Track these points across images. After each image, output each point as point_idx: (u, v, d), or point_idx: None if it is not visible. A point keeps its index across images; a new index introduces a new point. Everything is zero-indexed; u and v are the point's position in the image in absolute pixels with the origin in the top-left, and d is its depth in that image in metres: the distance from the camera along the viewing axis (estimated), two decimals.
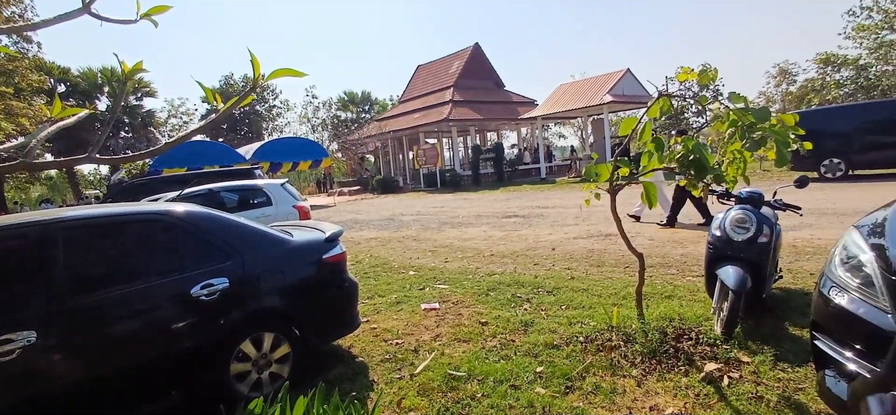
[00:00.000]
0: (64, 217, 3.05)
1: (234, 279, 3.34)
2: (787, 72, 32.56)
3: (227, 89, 46.87)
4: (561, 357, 3.69)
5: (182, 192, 8.32)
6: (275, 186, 9.31)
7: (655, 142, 3.61)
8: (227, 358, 3.29)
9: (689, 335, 3.78)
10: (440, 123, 28.12)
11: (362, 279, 6.76)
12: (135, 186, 14.77)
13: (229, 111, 1.56)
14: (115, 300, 3.00)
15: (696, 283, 5.25)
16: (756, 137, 3.38)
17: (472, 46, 33.19)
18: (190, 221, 3.42)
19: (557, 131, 46.59)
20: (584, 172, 4.33)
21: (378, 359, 4.03)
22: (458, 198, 19.73)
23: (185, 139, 1.81)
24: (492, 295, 5.50)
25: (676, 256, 6.62)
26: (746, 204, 4.09)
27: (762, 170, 18.40)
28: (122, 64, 1.48)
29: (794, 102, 30.71)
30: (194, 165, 18.98)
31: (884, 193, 9.84)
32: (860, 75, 26.18)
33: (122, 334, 3.03)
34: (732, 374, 3.23)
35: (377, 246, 9.81)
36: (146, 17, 1.45)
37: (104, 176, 42.40)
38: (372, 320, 5.03)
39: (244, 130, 47.89)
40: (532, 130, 33.63)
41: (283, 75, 1.51)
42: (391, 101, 51.10)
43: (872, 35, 25.20)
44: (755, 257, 3.84)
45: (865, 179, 13.49)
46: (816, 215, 8.46)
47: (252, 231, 3.69)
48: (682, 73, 4.19)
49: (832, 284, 2.44)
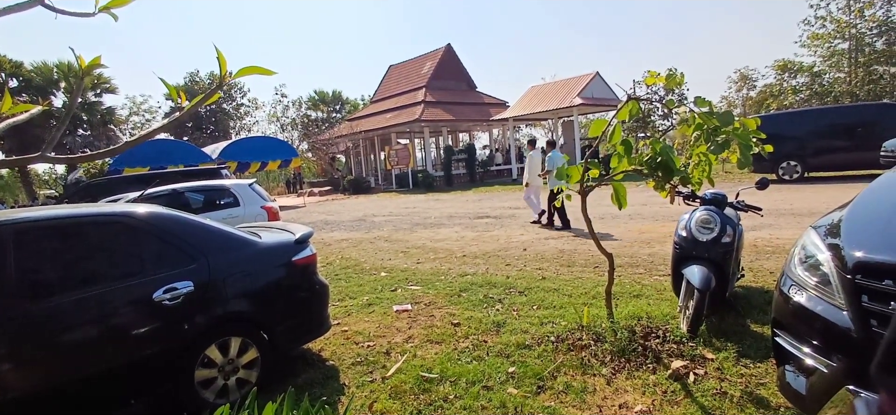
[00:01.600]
0: (15, 219, 2.89)
1: (198, 283, 3.24)
2: (748, 77, 33.83)
3: (192, 87, 45.49)
4: (533, 357, 3.72)
5: (144, 192, 8.03)
6: (242, 186, 9.08)
7: (624, 144, 3.68)
8: (192, 364, 3.19)
9: (656, 333, 3.86)
10: (412, 124, 28.02)
11: (333, 281, 6.66)
12: (93, 186, 14.17)
13: (194, 110, 1.50)
14: (71, 306, 2.86)
15: (663, 282, 5.38)
16: (720, 140, 3.49)
17: (444, 47, 33.19)
18: (152, 223, 3.30)
19: (528, 132, 47.13)
20: (555, 173, 4.38)
21: (349, 362, 3.98)
22: (430, 198, 19.71)
23: (147, 138, 1.73)
24: (464, 296, 5.51)
25: (644, 255, 6.77)
26: (711, 205, 4.21)
27: (724, 171, 19.05)
28: (79, 59, 1.41)
29: (753, 107, 31.89)
30: (157, 164, 18.34)
31: (836, 195, 10.31)
32: (815, 82, 27.43)
33: (78, 342, 2.90)
34: (698, 371, 3.32)
35: (348, 247, 9.70)
36: (105, 10, 1.38)
37: (60, 175, 40.60)
38: (343, 322, 4.97)
39: (210, 128, 46.61)
40: (504, 132, 33.88)
41: (251, 73, 1.46)
42: (363, 101, 50.63)
43: (825, 44, 26.44)
44: (719, 257, 3.96)
45: (819, 180, 14.12)
46: (775, 216, 8.80)
47: (218, 233, 3.59)
48: (649, 77, 4.30)
49: (792, 282, 2.53)
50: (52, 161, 1.56)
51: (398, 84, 34.62)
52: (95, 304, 2.93)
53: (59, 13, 1.41)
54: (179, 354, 3.16)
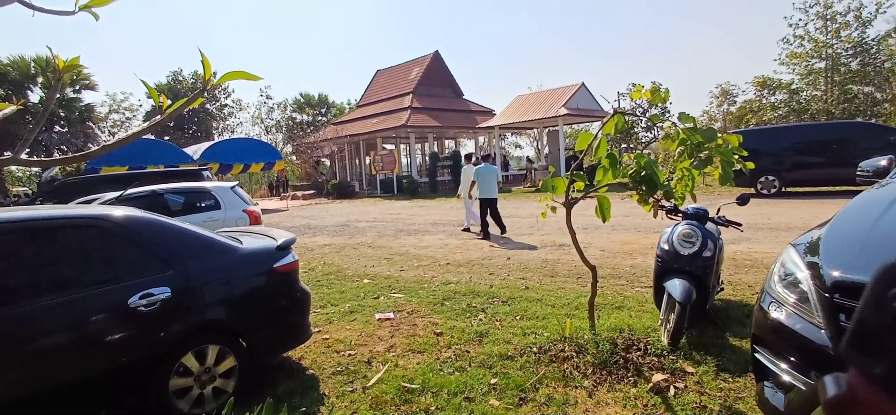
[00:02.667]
0: None
1: (176, 288, 3.16)
2: (729, 92, 34.52)
3: (175, 86, 44.78)
4: (515, 368, 3.71)
5: (123, 193, 7.86)
6: (224, 188, 8.94)
7: (610, 157, 3.71)
8: (167, 373, 3.11)
9: (638, 346, 3.89)
10: (398, 129, 27.98)
11: (315, 288, 6.58)
12: (69, 184, 13.80)
13: (177, 112, 1.46)
14: (42, 312, 2.76)
15: (645, 294, 5.43)
16: (703, 156, 3.54)
17: (432, 54, 33.27)
18: (129, 227, 3.22)
19: (514, 141, 47.36)
20: (541, 184, 4.39)
21: (329, 371, 3.92)
22: (414, 205, 19.66)
23: (127, 142, 1.68)
24: (447, 305, 5.48)
25: (626, 267, 6.83)
26: (692, 220, 4.27)
27: (705, 185, 19.37)
28: (56, 58, 1.36)
29: (733, 122, 32.55)
30: (136, 164, 17.97)
31: (812, 210, 10.56)
32: (793, 99, 28.11)
33: (48, 349, 2.80)
34: (678, 384, 3.34)
35: (331, 253, 9.61)
36: (86, 9, 1.34)
37: (35, 173, 39.54)
38: (324, 330, 4.90)
39: (192, 128, 45.86)
40: (489, 139, 34.01)
41: (237, 78, 1.42)
42: (349, 105, 50.42)
43: (803, 62, 27.15)
44: (700, 271, 4.01)
45: (796, 195, 14.45)
46: (754, 230, 8.96)
47: (197, 237, 3.52)
48: (635, 91, 4.35)
49: (771, 299, 2.56)
50: (27, 164, 1.50)
51: (385, 89, 34.57)
52: (68, 310, 2.84)
53: (38, 11, 1.36)
54: (154, 362, 3.07)
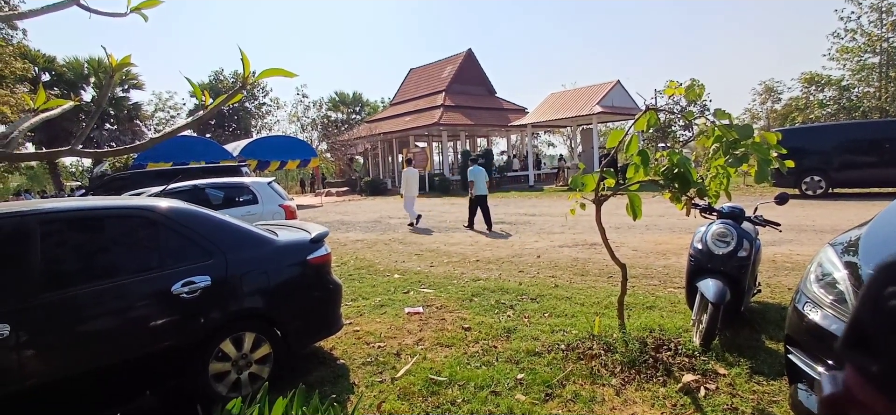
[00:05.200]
0: (42, 209, 2.99)
1: (216, 277, 3.31)
2: (773, 90, 33.24)
3: (216, 85, 46.39)
4: (542, 364, 3.72)
5: (166, 187, 8.22)
6: (261, 184, 9.24)
7: (641, 154, 3.66)
8: (207, 357, 3.26)
9: (668, 346, 3.83)
10: (431, 127, 28.14)
11: (346, 281, 6.73)
12: (118, 179, 14.55)
13: (218, 108, 1.55)
14: (93, 296, 2.95)
15: (677, 294, 5.32)
16: (739, 153, 3.45)
17: (465, 52, 33.30)
18: (173, 218, 3.39)
19: (547, 139, 46.91)
20: (570, 181, 4.37)
21: (359, 362, 4.02)
22: (445, 202, 19.75)
23: (173, 135, 1.80)
24: (476, 301, 5.52)
25: (659, 267, 6.70)
26: (727, 219, 4.17)
27: (745, 184, 18.71)
28: (110, 57, 1.46)
29: (778, 120, 31.30)
30: (180, 160, 18.73)
31: (861, 212, 10.06)
32: (843, 96, 26.81)
33: (98, 331, 2.99)
34: (709, 385, 3.28)
35: (363, 248, 9.78)
36: (136, 11, 1.45)
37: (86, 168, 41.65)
38: (355, 322, 5.02)
39: (232, 126, 47.43)
40: (522, 138, 33.81)
41: (274, 75, 1.51)
42: (382, 103, 51.03)
43: (855, 57, 25.84)
44: (734, 271, 3.91)
45: (845, 197, 13.78)
46: (796, 231, 8.62)
47: (236, 229, 3.67)
48: (669, 88, 4.27)
49: (807, 299, 2.49)
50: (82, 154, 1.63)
51: (418, 87, 34.81)
52: (116, 294, 3.02)
53: (93, 13, 1.48)
54: (195, 346, 3.23)
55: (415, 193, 12.96)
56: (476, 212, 11.53)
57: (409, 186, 12.95)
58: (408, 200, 12.84)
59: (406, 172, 13.30)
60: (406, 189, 13.00)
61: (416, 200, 13.09)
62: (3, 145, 1.44)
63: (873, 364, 0.93)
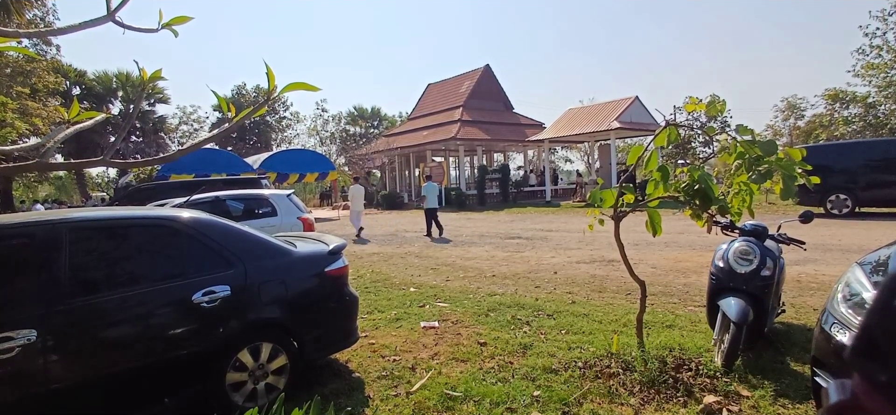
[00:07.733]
0: (69, 218, 3.08)
1: (235, 287, 3.36)
2: (796, 106, 32.65)
3: (238, 99, 47.38)
4: (559, 382, 3.67)
5: (189, 198, 8.39)
6: (280, 196, 9.37)
7: (661, 170, 3.62)
8: (224, 367, 3.29)
9: (688, 366, 3.75)
10: (448, 142, 28.25)
11: (363, 294, 6.75)
12: (142, 190, 14.88)
13: (242, 122, 1.59)
14: (117, 303, 3.01)
15: (698, 313, 5.22)
16: (762, 170, 3.40)
17: (482, 67, 33.47)
18: (195, 228, 3.45)
19: (564, 155, 46.73)
20: (588, 196, 4.34)
21: (375, 375, 4.02)
22: (462, 217, 19.74)
23: (198, 147, 1.84)
24: (492, 316, 5.48)
25: (679, 285, 6.58)
26: (750, 236, 4.09)
27: (768, 202, 18.35)
28: (142, 71, 1.51)
29: (801, 137, 30.71)
30: (202, 171, 19.08)
31: (889, 232, 9.78)
32: (869, 113, 26.17)
33: (120, 338, 3.04)
34: (732, 407, 3.19)
35: (379, 261, 9.82)
36: (167, 27, 1.49)
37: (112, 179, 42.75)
38: (370, 335, 5.02)
39: (253, 139, 48.28)
40: (539, 153, 33.71)
41: (297, 89, 1.53)
42: (400, 118, 51.46)
43: (881, 74, 25.25)
44: (757, 290, 3.83)
45: (871, 216, 13.41)
46: (821, 251, 8.41)
47: (256, 240, 3.72)
48: (690, 104, 4.24)
49: (834, 320, 2.43)
50: (111, 164, 1.68)
51: (436, 102, 35.04)
52: (139, 302, 3.08)
53: (128, 29, 1.53)
54: (213, 355, 3.27)
55: (360, 207, 14.86)
56: (431, 223, 13.49)
57: (354, 201, 14.76)
58: (354, 214, 14.80)
59: (353, 187, 15.10)
60: (353, 203, 14.81)
61: (363, 214, 15.28)
62: (40, 155, 1.49)
63: (882, 373, 0.90)
